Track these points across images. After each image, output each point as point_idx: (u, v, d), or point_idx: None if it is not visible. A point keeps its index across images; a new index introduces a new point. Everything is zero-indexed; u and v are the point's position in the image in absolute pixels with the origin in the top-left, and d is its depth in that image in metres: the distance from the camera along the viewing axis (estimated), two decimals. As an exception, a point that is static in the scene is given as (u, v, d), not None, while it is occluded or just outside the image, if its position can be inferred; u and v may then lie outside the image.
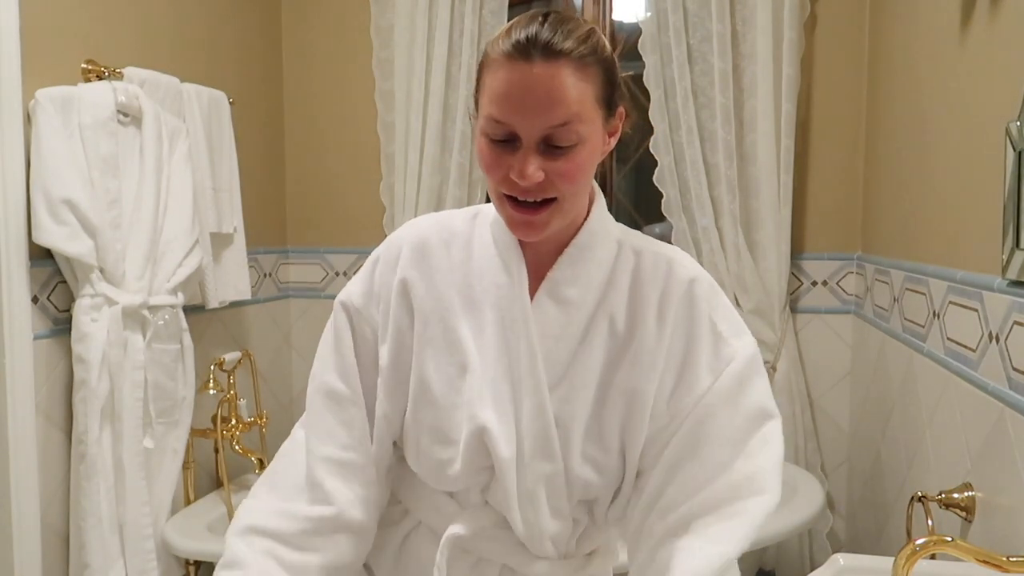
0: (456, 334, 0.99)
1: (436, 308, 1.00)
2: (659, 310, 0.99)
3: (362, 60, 2.72)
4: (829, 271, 2.53)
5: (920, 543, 1.03)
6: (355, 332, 1.03)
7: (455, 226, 1.05)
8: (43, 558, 1.83)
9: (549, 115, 0.87)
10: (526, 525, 0.99)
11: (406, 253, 1.02)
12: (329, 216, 2.86)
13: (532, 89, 0.87)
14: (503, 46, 0.89)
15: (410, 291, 1.01)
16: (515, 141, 0.89)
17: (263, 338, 2.72)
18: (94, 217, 1.82)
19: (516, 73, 0.88)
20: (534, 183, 0.89)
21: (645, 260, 1.02)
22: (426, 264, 1.02)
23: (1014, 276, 1.28)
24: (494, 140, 0.90)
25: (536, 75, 0.87)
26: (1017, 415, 1.27)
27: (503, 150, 0.90)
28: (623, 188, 2.84)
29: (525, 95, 0.87)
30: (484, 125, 0.91)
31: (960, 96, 1.60)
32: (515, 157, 0.90)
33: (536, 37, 0.87)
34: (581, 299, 0.99)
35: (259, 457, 2.31)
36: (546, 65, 0.87)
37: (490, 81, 0.90)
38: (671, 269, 1.01)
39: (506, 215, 0.95)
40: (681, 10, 2.41)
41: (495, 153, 0.91)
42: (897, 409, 1.98)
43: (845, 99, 2.47)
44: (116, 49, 2.05)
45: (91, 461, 1.84)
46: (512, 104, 0.88)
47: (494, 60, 0.90)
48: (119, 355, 1.87)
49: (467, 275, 1.01)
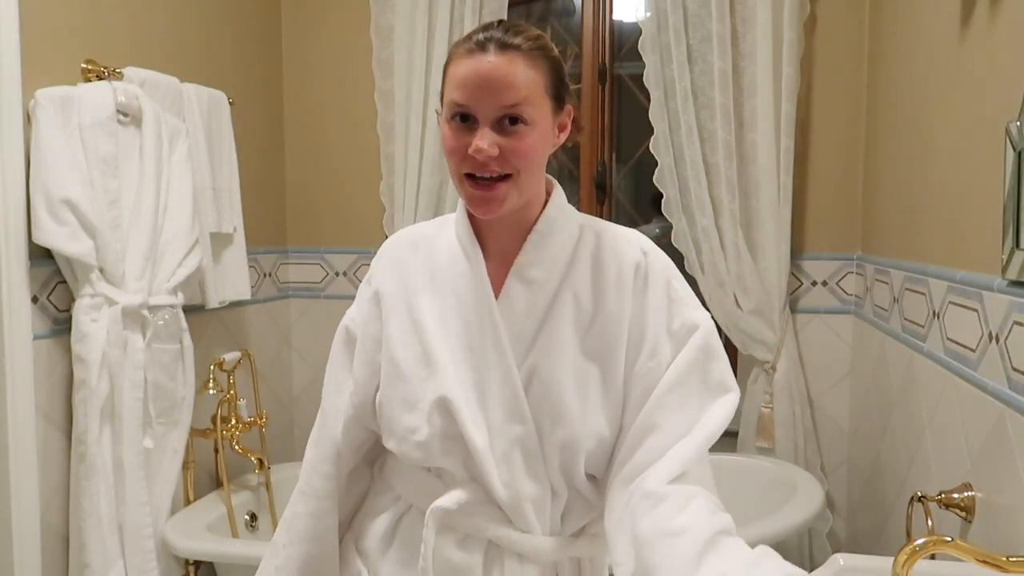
0: (421, 315, 1.10)
1: (403, 296, 1.12)
2: (617, 282, 1.09)
3: (362, 60, 2.72)
4: (829, 271, 2.53)
5: (920, 543, 1.03)
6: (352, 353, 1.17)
7: (424, 231, 1.18)
8: (43, 558, 1.83)
9: (502, 96, 1.01)
10: (505, 487, 1.05)
11: (381, 264, 1.17)
12: (329, 216, 2.86)
13: (488, 75, 1.01)
14: (465, 46, 1.04)
15: (380, 293, 1.14)
16: (474, 123, 1.02)
17: (263, 338, 2.72)
18: (94, 217, 1.82)
19: (474, 63, 1.01)
20: (491, 156, 1.01)
21: (605, 240, 1.13)
22: (396, 265, 1.15)
23: (1014, 276, 1.28)
24: (455, 124, 1.03)
25: (492, 63, 1.01)
26: (1017, 415, 1.27)
27: (463, 132, 1.02)
28: (623, 188, 2.84)
29: (481, 80, 1.01)
30: (447, 111, 1.04)
31: (960, 96, 1.60)
32: (473, 136, 1.01)
33: (491, 35, 1.03)
34: (544, 279, 1.09)
35: (259, 457, 2.32)
36: (500, 55, 1.01)
37: (452, 72, 1.04)
38: (628, 245, 1.12)
39: (467, 194, 1.05)
40: (681, 10, 2.41)
41: (456, 135, 1.03)
42: (897, 409, 1.98)
43: (845, 99, 2.47)
44: (116, 49, 2.05)
45: (91, 461, 1.84)
46: (471, 88, 1.01)
47: (457, 56, 1.04)
48: (119, 355, 1.87)
49: (430, 267, 1.13)
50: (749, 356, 2.51)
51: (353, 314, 1.18)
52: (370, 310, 1.14)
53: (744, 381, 2.57)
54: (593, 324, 1.08)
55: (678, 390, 1.03)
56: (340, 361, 1.18)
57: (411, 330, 1.10)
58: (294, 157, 2.87)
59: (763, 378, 2.47)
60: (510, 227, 1.11)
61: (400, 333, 1.10)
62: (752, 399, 2.50)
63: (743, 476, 2.32)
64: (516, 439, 1.05)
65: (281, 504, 2.40)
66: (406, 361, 1.09)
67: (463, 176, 1.04)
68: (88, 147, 1.84)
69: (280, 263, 2.86)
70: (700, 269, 2.47)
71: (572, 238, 1.12)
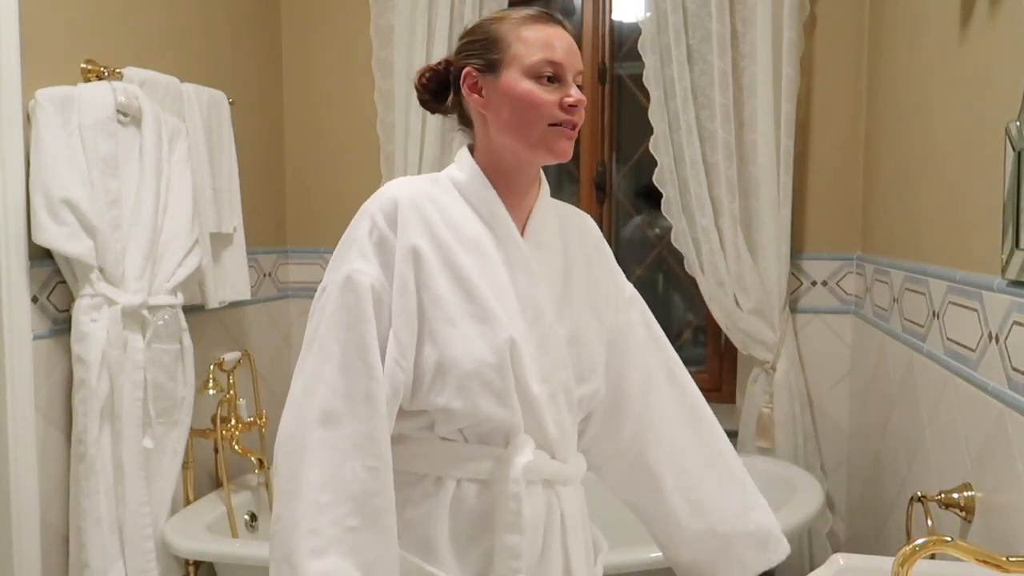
0: (467, 273, 1.14)
1: (442, 255, 1.14)
2: (598, 246, 1.34)
3: (362, 60, 2.72)
4: (829, 271, 2.53)
5: (920, 543, 1.03)
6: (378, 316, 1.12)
7: (426, 188, 1.19)
8: (42, 558, 1.83)
9: (578, 59, 1.18)
10: (556, 426, 1.19)
11: (406, 220, 1.14)
12: (329, 216, 2.85)
13: (569, 41, 1.17)
14: (520, 16, 1.17)
15: (417, 250, 1.13)
16: (558, 80, 1.15)
17: (263, 338, 2.72)
18: (94, 217, 1.82)
19: (552, 29, 1.16)
20: (584, 102, 1.16)
21: (569, 215, 1.33)
22: (425, 223, 1.15)
23: (1014, 276, 1.28)
24: (544, 80, 1.14)
25: (565, 32, 1.18)
26: (1017, 415, 1.27)
27: (550, 87, 1.14)
28: (623, 188, 2.84)
29: (568, 44, 1.17)
30: (534, 68, 1.14)
31: (960, 96, 1.60)
32: (562, 90, 1.15)
33: (547, 12, 1.19)
34: (551, 245, 1.24)
35: (259, 457, 2.32)
36: (563, 29, 1.18)
37: (531, 36, 1.15)
38: (585, 220, 1.36)
39: (551, 141, 1.15)
40: (681, 10, 2.41)
41: (545, 90, 1.14)
42: (897, 409, 1.98)
43: (845, 99, 2.47)
44: (116, 49, 2.05)
45: (91, 461, 1.84)
46: (559, 48, 1.15)
47: (518, 26, 1.16)
48: (119, 355, 1.87)
49: (451, 227, 1.16)
50: (749, 356, 2.51)
51: (371, 272, 1.11)
52: (404, 268, 1.12)
53: (744, 381, 2.57)
54: (589, 284, 1.28)
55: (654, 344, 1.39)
56: (368, 320, 1.10)
57: (459, 288, 1.13)
58: (294, 157, 2.87)
59: (763, 378, 2.47)
60: (524, 194, 1.22)
61: (450, 292, 1.13)
62: (752, 399, 2.50)
63: (743, 476, 2.32)
64: (561, 383, 1.19)
65: (281, 504, 2.40)
66: (462, 318, 1.12)
67: (546, 130, 1.14)
68: (88, 147, 1.84)
69: (280, 263, 2.86)
70: (700, 269, 2.47)
71: (553, 212, 1.28)
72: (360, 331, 1.09)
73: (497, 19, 1.19)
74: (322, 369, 1.10)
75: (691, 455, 1.37)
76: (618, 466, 1.38)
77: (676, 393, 1.39)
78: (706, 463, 1.38)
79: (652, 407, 1.36)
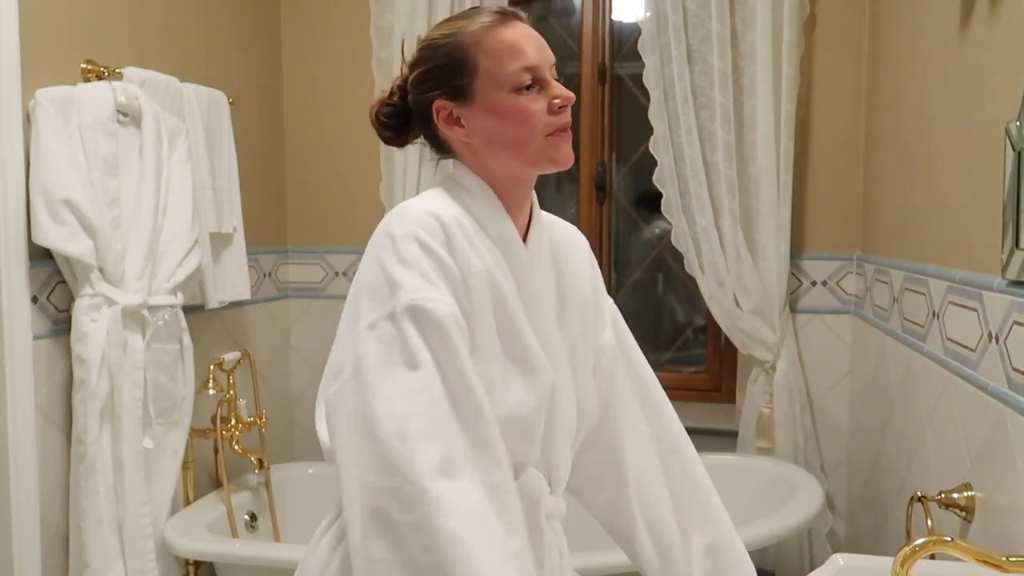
0: (511, 302, 1.05)
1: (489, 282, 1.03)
2: (583, 271, 1.22)
3: (362, 60, 2.72)
4: (829, 271, 2.53)
5: (920, 543, 1.03)
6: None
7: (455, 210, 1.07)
8: (42, 558, 1.83)
9: (548, 51, 1.07)
10: (565, 463, 1.15)
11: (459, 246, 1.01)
12: (329, 216, 2.86)
13: (531, 35, 1.06)
14: (484, 20, 1.06)
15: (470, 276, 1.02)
16: (538, 84, 1.05)
17: (263, 338, 2.72)
18: (94, 217, 1.82)
19: (513, 29, 1.05)
20: (572, 98, 1.06)
21: (559, 230, 1.23)
22: (472, 249, 1.03)
23: (1014, 276, 1.28)
24: (524, 90, 1.04)
25: (526, 27, 1.07)
26: (1017, 415, 1.27)
27: (534, 95, 1.04)
28: (623, 188, 2.84)
29: (532, 40, 1.06)
30: (512, 81, 1.03)
31: (960, 96, 1.60)
32: (546, 92, 1.05)
33: (503, 9, 1.09)
34: (547, 271, 1.15)
35: (259, 457, 2.32)
36: (524, 21, 1.08)
37: (494, 46, 1.04)
38: (576, 236, 1.25)
39: (553, 150, 1.06)
40: (681, 10, 2.41)
41: (532, 100, 1.04)
42: (897, 409, 1.98)
43: (845, 99, 2.47)
44: (116, 49, 2.05)
45: (91, 461, 1.84)
46: (529, 50, 1.04)
47: (478, 38, 1.04)
48: (119, 355, 1.87)
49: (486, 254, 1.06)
50: (749, 356, 2.51)
51: (445, 300, 0.97)
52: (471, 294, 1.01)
53: (744, 381, 2.57)
54: (582, 311, 1.19)
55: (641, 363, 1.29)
56: (465, 354, 0.97)
57: (505, 323, 1.04)
58: (294, 157, 2.87)
59: (763, 378, 2.47)
60: (519, 210, 1.12)
61: (496, 325, 1.03)
62: (752, 399, 2.50)
63: (743, 476, 2.32)
64: (571, 423, 1.15)
65: (281, 504, 2.41)
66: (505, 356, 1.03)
67: (544, 141, 1.05)
68: (88, 147, 1.84)
69: (280, 263, 2.86)
70: (700, 269, 2.47)
71: (544, 224, 1.18)
72: (458, 368, 0.95)
73: (449, 35, 1.06)
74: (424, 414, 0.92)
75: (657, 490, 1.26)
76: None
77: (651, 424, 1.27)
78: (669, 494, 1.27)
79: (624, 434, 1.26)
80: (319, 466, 2.58)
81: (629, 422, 1.27)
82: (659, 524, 1.24)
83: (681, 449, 1.27)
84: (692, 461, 1.28)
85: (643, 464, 1.26)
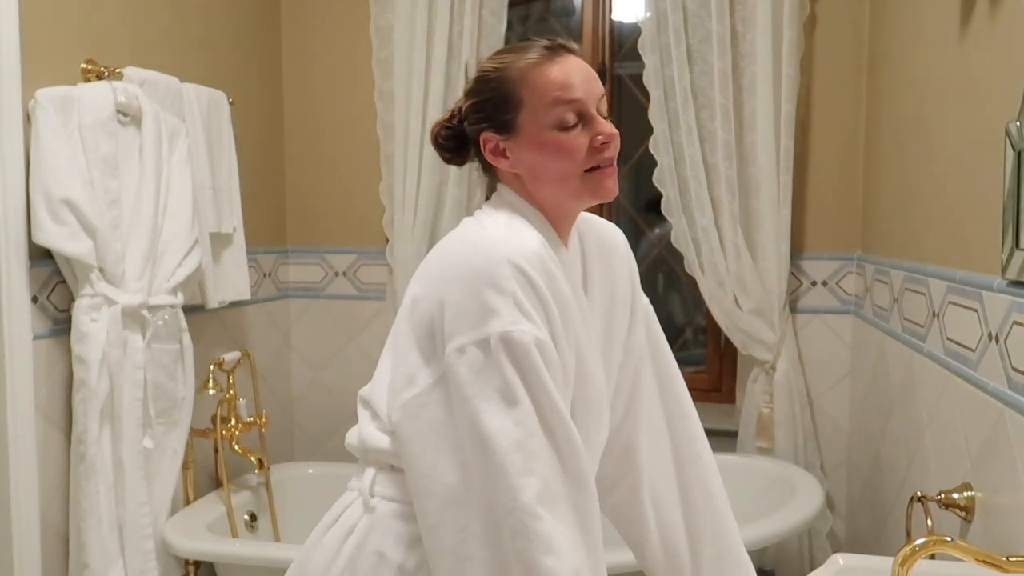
0: (583, 347, 1.10)
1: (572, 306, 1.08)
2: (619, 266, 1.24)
3: (362, 60, 2.72)
4: (829, 271, 2.53)
5: (919, 543, 1.03)
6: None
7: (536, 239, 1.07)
8: (42, 558, 1.83)
9: (597, 83, 1.08)
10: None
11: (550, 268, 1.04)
12: (329, 216, 2.86)
13: (580, 68, 1.07)
14: (532, 55, 1.06)
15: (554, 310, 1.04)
16: (582, 120, 1.06)
17: (263, 338, 2.72)
18: (94, 217, 1.82)
19: (561, 64, 1.06)
20: (616, 136, 1.07)
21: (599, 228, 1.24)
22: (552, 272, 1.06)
23: (1014, 276, 1.28)
24: (568, 127, 1.05)
25: (577, 60, 1.08)
26: (1017, 415, 1.27)
27: (577, 132, 1.06)
28: (623, 188, 2.83)
29: (580, 73, 1.06)
30: (557, 118, 1.05)
31: (960, 96, 1.60)
32: (590, 129, 1.06)
33: (551, 41, 1.08)
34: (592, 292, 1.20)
35: (259, 457, 2.32)
36: (573, 53, 1.08)
37: (539, 82, 1.05)
38: (617, 237, 1.26)
39: (595, 184, 1.09)
40: (681, 10, 2.41)
41: (574, 137, 1.06)
42: (897, 409, 1.98)
43: (845, 99, 2.47)
44: (116, 49, 2.05)
45: (91, 461, 1.84)
46: (575, 84, 1.05)
47: (525, 73, 1.06)
48: (119, 355, 1.87)
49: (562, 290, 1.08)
50: (749, 356, 2.51)
51: (540, 331, 1.00)
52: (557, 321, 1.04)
53: (744, 381, 2.57)
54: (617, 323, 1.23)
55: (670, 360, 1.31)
56: (556, 386, 1.00)
57: (577, 340, 1.07)
58: (294, 157, 2.87)
59: (763, 378, 2.47)
60: (565, 233, 1.15)
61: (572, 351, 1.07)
62: (752, 399, 2.50)
63: (743, 476, 2.32)
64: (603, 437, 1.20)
65: (280, 504, 2.41)
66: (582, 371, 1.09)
67: (583, 175, 1.07)
68: (88, 147, 1.84)
69: (280, 263, 2.86)
70: (700, 269, 2.47)
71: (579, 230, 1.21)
72: (552, 401, 0.98)
73: (498, 68, 1.08)
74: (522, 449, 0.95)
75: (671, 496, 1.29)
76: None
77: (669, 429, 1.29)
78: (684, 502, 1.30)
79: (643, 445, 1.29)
80: (319, 466, 2.59)
81: (649, 424, 1.27)
82: (670, 529, 1.27)
83: (700, 457, 1.28)
84: (710, 470, 1.28)
85: (659, 468, 1.27)
